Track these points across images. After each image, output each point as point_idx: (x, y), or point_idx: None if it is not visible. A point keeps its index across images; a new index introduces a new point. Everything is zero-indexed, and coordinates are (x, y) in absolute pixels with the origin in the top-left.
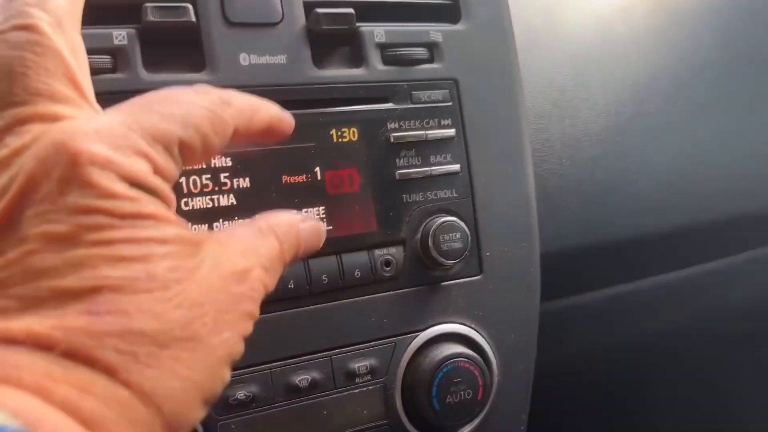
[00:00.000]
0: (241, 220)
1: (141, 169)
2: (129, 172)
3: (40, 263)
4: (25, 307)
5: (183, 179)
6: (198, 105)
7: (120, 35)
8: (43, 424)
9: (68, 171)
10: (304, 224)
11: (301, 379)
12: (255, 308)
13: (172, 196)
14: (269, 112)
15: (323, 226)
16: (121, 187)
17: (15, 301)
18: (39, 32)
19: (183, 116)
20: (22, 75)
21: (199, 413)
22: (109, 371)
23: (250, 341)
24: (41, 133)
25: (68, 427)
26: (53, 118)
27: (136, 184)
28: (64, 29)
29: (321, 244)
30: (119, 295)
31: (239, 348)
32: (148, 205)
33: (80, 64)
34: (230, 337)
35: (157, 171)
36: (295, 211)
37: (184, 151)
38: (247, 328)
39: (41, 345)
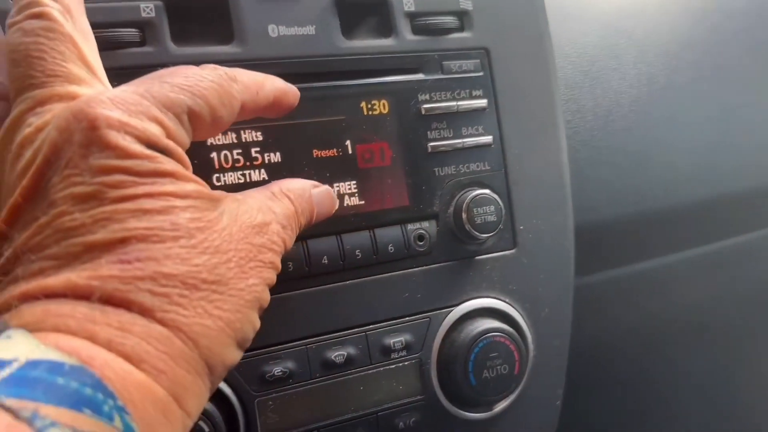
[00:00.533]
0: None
1: (155, 132)
2: (144, 133)
3: (70, 222)
4: (62, 264)
5: (214, 154)
6: (206, 78)
7: (147, 7)
8: (94, 360)
9: (88, 135)
10: (316, 189)
11: (337, 355)
12: (276, 259)
13: (188, 160)
14: (274, 85)
15: (334, 193)
16: (138, 147)
17: (52, 260)
18: (51, 19)
19: (191, 87)
20: (38, 59)
21: (233, 354)
22: (145, 312)
23: (286, 317)
24: (60, 111)
25: (115, 362)
26: (70, 97)
27: (152, 145)
28: (73, 15)
29: (333, 210)
30: (146, 243)
31: (265, 296)
32: (165, 163)
33: (90, 46)
34: (256, 283)
35: (170, 136)
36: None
37: (194, 120)
38: (271, 277)
39: (80, 294)
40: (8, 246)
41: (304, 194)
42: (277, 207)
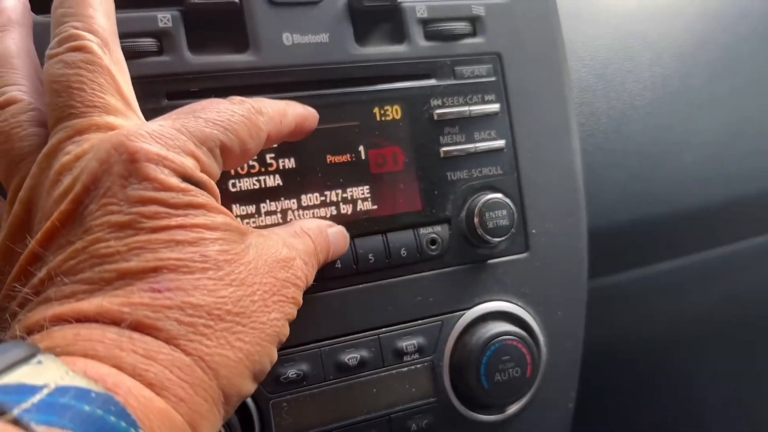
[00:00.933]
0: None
1: (190, 165)
2: (181, 167)
3: (105, 249)
4: (94, 289)
5: None
6: (236, 113)
7: (164, 18)
8: (119, 388)
9: (127, 167)
10: (331, 229)
11: (350, 357)
12: (298, 295)
13: (217, 191)
14: (295, 112)
15: (346, 232)
16: (174, 181)
17: (84, 284)
18: (91, 52)
19: (223, 122)
20: (78, 90)
21: (249, 386)
22: (170, 340)
23: (300, 320)
24: (98, 141)
25: (138, 389)
26: (108, 127)
27: (187, 178)
28: (110, 47)
29: (346, 248)
30: (177, 274)
31: (285, 330)
32: (199, 196)
33: (125, 77)
34: (277, 317)
35: (203, 169)
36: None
37: (225, 153)
38: (292, 312)
39: (111, 320)
40: (42, 267)
41: (321, 233)
42: (299, 244)
